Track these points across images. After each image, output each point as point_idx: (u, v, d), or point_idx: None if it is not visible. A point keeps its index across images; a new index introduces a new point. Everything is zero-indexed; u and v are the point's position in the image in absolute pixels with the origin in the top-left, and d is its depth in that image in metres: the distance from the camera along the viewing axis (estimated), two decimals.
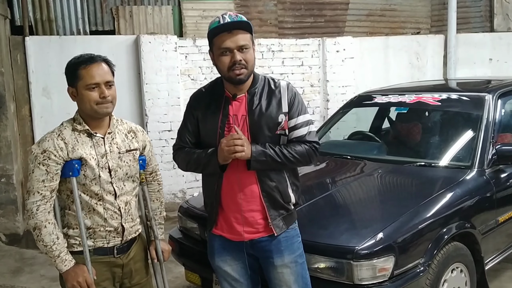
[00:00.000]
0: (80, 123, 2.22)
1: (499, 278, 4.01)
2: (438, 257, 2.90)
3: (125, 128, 2.37)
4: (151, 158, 2.49)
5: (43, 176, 2.14)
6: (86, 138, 2.21)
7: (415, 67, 7.56)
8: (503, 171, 3.58)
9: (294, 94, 2.40)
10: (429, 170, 3.61)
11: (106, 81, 2.18)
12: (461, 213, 3.16)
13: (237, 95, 2.35)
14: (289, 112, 2.36)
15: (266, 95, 2.36)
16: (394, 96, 4.36)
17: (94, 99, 2.16)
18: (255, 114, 2.32)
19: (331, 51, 7.03)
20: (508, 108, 4.20)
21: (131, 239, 2.35)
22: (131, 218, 2.33)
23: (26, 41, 5.80)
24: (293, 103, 2.37)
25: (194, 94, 2.51)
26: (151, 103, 6.19)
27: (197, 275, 3.28)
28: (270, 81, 2.42)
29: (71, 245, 2.23)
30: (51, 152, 2.14)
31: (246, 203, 2.36)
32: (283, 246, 2.40)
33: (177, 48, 6.28)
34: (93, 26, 6.62)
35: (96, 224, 2.23)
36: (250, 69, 2.30)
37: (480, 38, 7.70)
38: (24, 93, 5.85)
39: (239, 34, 2.25)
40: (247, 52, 2.27)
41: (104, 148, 2.23)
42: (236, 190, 2.36)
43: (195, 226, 3.38)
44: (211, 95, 2.42)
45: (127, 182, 2.31)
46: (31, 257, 4.99)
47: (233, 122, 2.33)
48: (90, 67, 2.16)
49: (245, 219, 2.37)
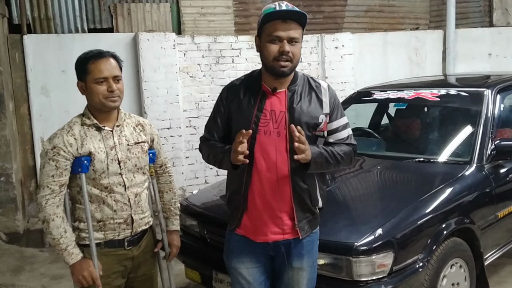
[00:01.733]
0: (89, 117, 2.28)
1: (499, 273, 4.02)
2: (437, 252, 2.90)
3: (133, 122, 2.42)
4: (159, 150, 2.54)
5: (52, 171, 2.20)
6: (95, 132, 2.27)
7: (414, 62, 7.55)
8: (502, 166, 3.58)
9: (335, 96, 2.36)
10: (428, 166, 3.61)
11: (114, 76, 2.24)
12: (460, 208, 3.16)
13: (277, 89, 2.27)
14: (331, 115, 2.31)
15: (307, 93, 2.30)
16: (393, 92, 4.36)
17: (102, 93, 2.22)
18: (295, 112, 2.24)
19: (330, 48, 7.02)
20: (507, 103, 4.20)
21: (141, 231, 2.39)
22: (141, 210, 2.37)
23: (24, 39, 5.80)
24: (334, 104, 2.33)
25: (228, 86, 2.41)
26: (150, 101, 6.18)
27: (197, 272, 3.28)
28: (311, 80, 2.35)
29: (82, 238, 2.29)
30: (61, 148, 2.20)
31: (275, 203, 2.28)
32: (304, 250, 2.36)
33: (176, 46, 6.27)
34: (91, 24, 6.60)
35: (106, 216, 2.27)
36: (295, 64, 2.22)
37: (479, 33, 7.68)
38: (23, 91, 5.85)
39: (293, 25, 2.17)
40: (296, 46, 2.19)
41: (113, 141, 2.29)
42: (266, 189, 2.28)
43: (195, 223, 3.38)
44: (246, 87, 2.33)
45: (136, 174, 2.35)
46: (31, 255, 4.99)
47: (270, 118, 2.25)
48: (99, 62, 2.22)
49: (273, 220, 2.30)
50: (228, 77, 6.54)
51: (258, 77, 2.33)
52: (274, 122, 2.25)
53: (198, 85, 6.47)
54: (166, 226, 2.60)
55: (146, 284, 2.46)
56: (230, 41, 6.55)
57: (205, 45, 6.47)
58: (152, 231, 2.51)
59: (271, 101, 2.27)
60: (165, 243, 2.55)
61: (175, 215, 2.61)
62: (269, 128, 2.25)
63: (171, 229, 2.59)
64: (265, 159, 2.25)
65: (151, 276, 2.48)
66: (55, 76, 5.81)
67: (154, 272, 2.51)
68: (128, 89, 6.10)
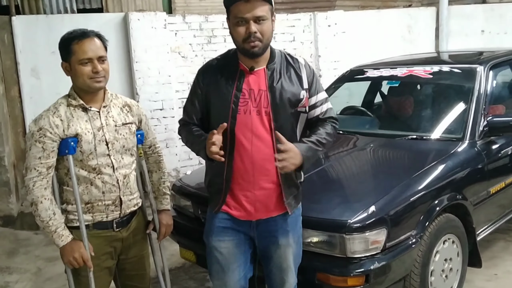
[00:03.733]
0: (74, 98, 2.24)
1: (491, 249, 4.07)
2: (430, 228, 2.92)
3: (120, 102, 2.39)
4: (148, 131, 2.51)
5: (39, 153, 2.17)
6: (82, 112, 2.24)
7: (407, 40, 7.51)
8: (494, 143, 3.59)
9: (312, 71, 2.38)
10: (421, 143, 3.62)
11: (98, 56, 2.20)
12: (453, 185, 3.18)
13: (254, 68, 2.25)
14: (309, 90, 2.33)
15: (286, 70, 2.30)
16: (386, 70, 4.34)
17: (87, 74, 2.18)
18: (276, 90, 2.24)
19: (323, 26, 6.97)
20: (500, 79, 4.20)
21: (130, 212, 2.38)
22: (130, 192, 2.35)
23: (13, 20, 5.69)
24: (312, 80, 2.34)
25: (203, 67, 2.38)
26: (142, 82, 6.13)
27: (191, 252, 3.30)
28: (288, 56, 2.35)
29: (71, 220, 2.27)
30: (47, 129, 2.17)
31: (260, 181, 2.28)
32: (289, 226, 2.37)
33: (167, 25, 6.20)
34: (81, 4, 6.50)
35: (94, 198, 2.26)
36: (265, 42, 2.19)
37: (472, 9, 7.65)
38: (13, 73, 5.77)
39: (257, 3, 2.12)
40: (264, 24, 2.15)
41: (100, 122, 2.26)
42: (249, 168, 2.27)
43: (189, 204, 3.38)
44: (223, 67, 2.30)
45: (125, 156, 2.33)
46: (25, 238, 5.00)
47: (248, 97, 2.23)
48: (83, 42, 2.18)
49: (257, 198, 2.30)
50: None
51: (234, 56, 2.31)
52: (253, 101, 2.23)
53: (190, 65, 6.41)
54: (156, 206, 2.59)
55: (138, 265, 2.47)
56: (221, 20, 6.46)
57: (196, 25, 6.40)
58: (142, 212, 2.50)
59: (249, 80, 2.25)
60: (156, 223, 2.55)
61: (164, 194, 2.59)
62: (249, 107, 2.23)
63: (160, 209, 2.58)
64: (246, 138, 2.24)
65: (142, 257, 2.48)
66: (45, 57, 5.72)
67: (146, 253, 2.51)
68: (119, 70, 6.06)
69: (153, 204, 2.57)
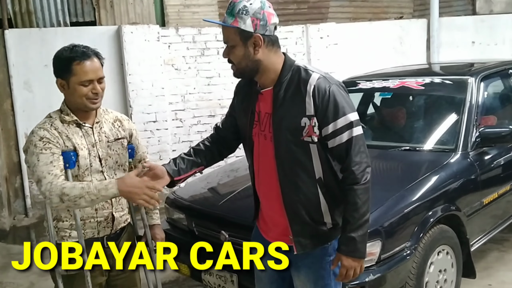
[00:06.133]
0: (68, 114, 2.21)
1: (485, 259, 4.07)
2: (424, 240, 2.93)
3: (111, 117, 2.37)
4: (138, 145, 2.48)
5: (50, 158, 2.08)
6: (76, 128, 2.22)
7: (398, 51, 7.57)
8: (486, 153, 3.61)
9: (328, 93, 1.97)
10: (414, 154, 3.63)
11: (99, 77, 2.18)
12: (446, 196, 3.19)
13: (261, 88, 2.09)
14: (320, 117, 1.98)
15: (292, 91, 2.02)
16: (378, 82, 4.37)
17: (86, 95, 2.15)
18: (276, 115, 2.04)
19: (315, 38, 7.02)
20: (491, 90, 4.23)
21: (120, 228, 2.36)
22: (121, 208, 2.34)
23: (6, 34, 5.71)
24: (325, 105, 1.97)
25: (238, 83, 2.29)
26: (135, 94, 6.13)
27: (186, 265, 3.27)
28: (302, 73, 2.03)
29: (61, 237, 2.24)
30: (49, 138, 2.12)
31: (271, 211, 2.19)
32: (301, 261, 2.15)
33: (160, 38, 6.22)
34: (73, 17, 6.51)
35: (86, 215, 2.22)
36: (238, 66, 2.04)
37: (462, 21, 7.73)
38: (6, 87, 5.76)
39: (223, 28, 2.05)
40: (231, 50, 2.03)
41: (93, 138, 2.24)
42: (263, 192, 2.21)
43: (182, 216, 3.37)
44: (250, 85, 2.16)
45: (118, 171, 2.31)
46: (18, 252, 4.94)
47: (258, 119, 2.11)
48: (84, 63, 2.14)
49: (273, 224, 2.20)
50: (213, 68, 6.51)
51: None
52: (260, 124, 2.11)
53: (183, 78, 6.43)
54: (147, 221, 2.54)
55: (129, 282, 2.43)
56: (215, 32, 6.51)
57: (189, 37, 6.43)
58: (132, 228, 2.47)
59: (260, 102, 2.12)
60: (149, 238, 2.51)
61: (154, 209, 2.56)
62: (257, 131, 2.14)
63: (152, 224, 2.55)
64: (258, 163, 2.18)
65: (133, 273, 2.44)
66: (38, 71, 5.72)
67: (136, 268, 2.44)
68: (112, 83, 6.05)
69: (144, 218, 2.53)
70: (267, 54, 2.03)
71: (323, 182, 2.06)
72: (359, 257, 2.03)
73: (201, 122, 6.56)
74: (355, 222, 1.99)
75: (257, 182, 2.23)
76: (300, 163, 2.04)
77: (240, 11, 1.98)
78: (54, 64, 2.20)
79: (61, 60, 2.17)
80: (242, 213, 2.85)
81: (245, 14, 1.98)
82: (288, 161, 2.05)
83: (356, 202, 1.99)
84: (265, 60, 2.03)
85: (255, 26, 1.98)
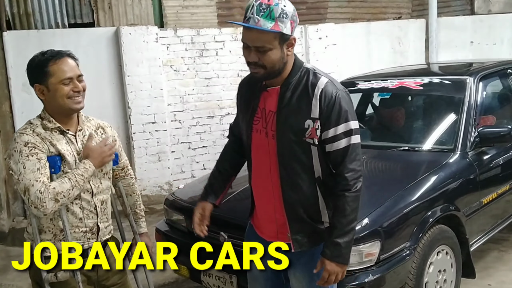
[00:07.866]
0: (50, 121, 2.15)
1: (485, 259, 4.07)
2: (423, 240, 2.93)
3: (93, 125, 2.32)
4: (120, 152, 2.45)
5: (36, 165, 2.02)
6: (59, 135, 2.15)
7: (397, 52, 7.58)
8: (485, 153, 3.61)
9: (334, 98, 2.01)
10: (413, 155, 3.64)
11: (78, 75, 2.14)
12: (445, 196, 3.19)
13: (267, 86, 2.11)
14: (323, 120, 2.01)
15: (300, 93, 2.04)
16: (377, 82, 4.37)
17: (68, 94, 2.11)
18: (281, 114, 2.05)
19: (314, 38, 7.02)
20: (490, 90, 4.23)
21: (105, 240, 2.30)
22: (106, 218, 2.29)
23: (4, 36, 5.70)
24: (330, 109, 2.00)
25: (243, 79, 2.31)
26: (134, 96, 6.12)
27: (185, 267, 3.27)
28: (311, 76, 2.08)
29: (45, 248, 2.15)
30: (34, 143, 2.05)
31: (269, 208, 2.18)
32: (296, 259, 2.17)
33: (158, 39, 6.22)
34: (72, 19, 6.50)
35: (70, 225, 2.15)
36: (269, 70, 2.00)
37: (461, 21, 7.73)
38: (4, 89, 5.75)
39: (255, 32, 1.95)
40: (265, 54, 1.97)
41: (77, 146, 2.19)
42: (261, 191, 2.22)
43: (182, 218, 3.37)
44: (253, 82, 2.19)
45: (103, 180, 2.26)
46: (17, 254, 4.93)
47: (261, 116, 2.11)
48: (60, 62, 2.11)
49: (269, 222, 2.21)
50: (212, 69, 6.51)
51: None
52: (263, 121, 2.12)
53: (182, 79, 6.42)
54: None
55: None
56: (213, 33, 6.51)
57: (188, 38, 6.42)
58: (115, 237, 2.41)
59: (265, 99, 2.12)
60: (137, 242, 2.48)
61: (141, 217, 2.55)
62: (259, 127, 2.13)
63: (140, 232, 2.52)
64: (257, 159, 2.17)
65: (123, 284, 2.39)
66: None
67: (125, 279, 2.41)
68: (111, 84, 6.05)
69: (134, 225, 2.50)
70: (291, 55, 2.08)
71: (321, 181, 2.10)
72: (343, 263, 2.06)
73: (200, 123, 6.56)
74: (342, 228, 2.03)
75: (254, 178, 2.23)
76: (301, 162, 2.07)
77: (280, 15, 1.95)
78: (28, 72, 2.16)
79: (35, 65, 2.13)
80: (241, 214, 2.84)
81: (285, 17, 1.97)
82: (290, 159, 2.07)
83: (345, 209, 2.02)
84: (289, 61, 2.07)
85: (292, 29, 2.01)
